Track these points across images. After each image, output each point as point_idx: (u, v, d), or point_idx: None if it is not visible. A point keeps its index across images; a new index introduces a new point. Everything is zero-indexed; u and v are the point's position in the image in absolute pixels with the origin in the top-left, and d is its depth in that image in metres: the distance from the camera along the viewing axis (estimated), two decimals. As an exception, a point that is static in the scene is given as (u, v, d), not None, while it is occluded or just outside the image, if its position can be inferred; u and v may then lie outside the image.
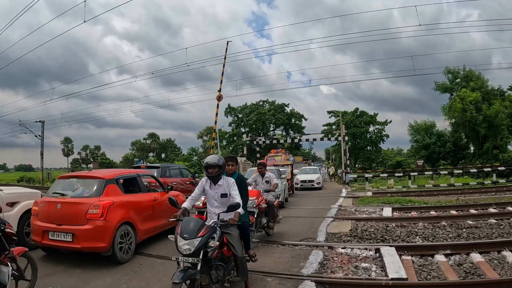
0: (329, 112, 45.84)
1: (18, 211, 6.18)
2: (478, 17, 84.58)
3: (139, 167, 12.00)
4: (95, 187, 5.53)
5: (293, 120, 49.18)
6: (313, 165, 29.30)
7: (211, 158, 3.95)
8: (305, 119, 50.43)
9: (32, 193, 6.99)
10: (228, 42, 22.63)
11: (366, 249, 5.85)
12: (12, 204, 6.15)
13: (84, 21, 16.63)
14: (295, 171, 20.90)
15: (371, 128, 44.08)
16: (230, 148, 48.18)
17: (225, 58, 22.62)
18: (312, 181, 20.52)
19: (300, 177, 20.73)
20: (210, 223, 3.62)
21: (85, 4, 15.24)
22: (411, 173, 22.88)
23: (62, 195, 5.57)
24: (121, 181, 5.99)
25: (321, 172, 24.60)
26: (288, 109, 49.36)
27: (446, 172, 22.45)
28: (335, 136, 32.08)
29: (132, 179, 6.43)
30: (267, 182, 7.31)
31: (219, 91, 22.54)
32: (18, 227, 5.90)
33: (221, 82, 22.69)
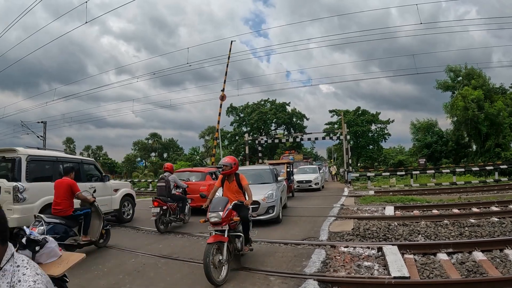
0: (330, 111, 45.88)
1: (120, 195, 9.32)
2: (476, 14, 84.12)
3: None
4: (200, 176, 11.59)
5: (294, 119, 49.12)
6: (314, 164, 28.90)
7: None
8: (307, 119, 50.43)
9: (126, 183, 10.79)
10: (232, 41, 22.64)
11: (368, 247, 5.86)
12: (116, 190, 9.22)
13: (86, 22, 16.76)
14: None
15: (373, 127, 44.06)
16: (232, 147, 48.22)
17: (228, 58, 22.63)
18: (310, 181, 19.29)
19: (297, 177, 19.33)
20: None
21: (86, 5, 15.32)
22: (413, 172, 22.87)
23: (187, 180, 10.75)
24: (210, 173, 11.95)
25: (321, 171, 23.37)
26: (289, 108, 49.37)
27: (448, 170, 22.45)
28: (337, 135, 32.04)
29: (213, 172, 12.18)
30: None
31: (223, 90, 22.51)
32: (119, 206, 9.25)
33: (224, 82, 22.69)
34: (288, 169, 16.39)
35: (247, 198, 5.40)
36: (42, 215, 5.46)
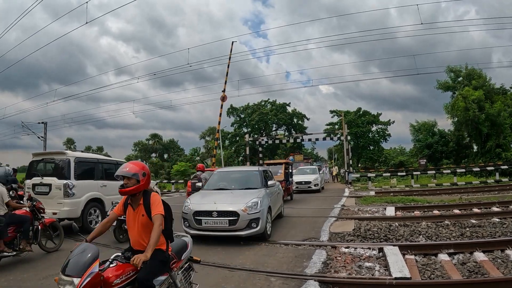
0: (331, 112, 45.95)
1: None
2: (475, 14, 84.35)
3: None
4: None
5: (295, 120, 49.13)
6: (314, 165, 28.72)
7: None
8: (307, 119, 50.42)
9: (152, 182, 10.76)
10: (233, 42, 22.61)
11: (369, 248, 5.85)
12: None
13: (86, 22, 16.79)
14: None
15: (374, 128, 44.06)
16: (233, 148, 48.22)
17: (229, 59, 22.61)
18: (309, 182, 18.65)
19: (296, 178, 18.44)
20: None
21: (87, 5, 15.34)
22: (414, 172, 22.86)
23: None
24: None
25: (321, 172, 22.77)
26: (289, 109, 49.36)
27: (449, 171, 22.42)
28: (338, 136, 32.03)
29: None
30: None
31: (223, 91, 22.50)
32: None
33: (225, 83, 22.66)
34: (287, 170, 15.18)
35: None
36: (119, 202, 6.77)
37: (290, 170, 16.04)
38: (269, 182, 8.06)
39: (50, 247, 6.20)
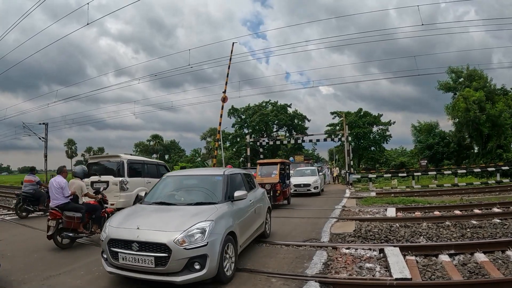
0: (332, 113, 46.03)
1: None
2: (475, 14, 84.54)
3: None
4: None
5: (295, 121, 49.18)
6: (315, 166, 28.42)
7: None
8: (308, 120, 50.47)
9: None
10: (233, 43, 22.60)
11: (370, 249, 5.85)
12: None
13: (88, 23, 16.82)
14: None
15: (375, 129, 44.06)
16: (234, 149, 48.26)
17: (230, 60, 22.59)
18: (308, 185, 17.37)
19: (294, 180, 17.04)
20: None
21: (88, 6, 15.39)
22: (415, 173, 22.82)
23: None
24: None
25: (321, 173, 21.55)
26: (290, 110, 49.40)
27: (449, 172, 22.41)
28: (339, 137, 32.04)
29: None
30: None
31: (224, 92, 22.50)
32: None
33: (226, 84, 22.64)
34: (283, 171, 13.33)
35: None
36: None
37: (287, 171, 14.37)
38: (236, 194, 5.20)
39: None
